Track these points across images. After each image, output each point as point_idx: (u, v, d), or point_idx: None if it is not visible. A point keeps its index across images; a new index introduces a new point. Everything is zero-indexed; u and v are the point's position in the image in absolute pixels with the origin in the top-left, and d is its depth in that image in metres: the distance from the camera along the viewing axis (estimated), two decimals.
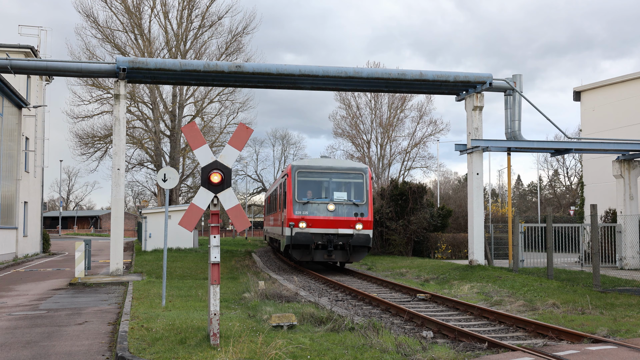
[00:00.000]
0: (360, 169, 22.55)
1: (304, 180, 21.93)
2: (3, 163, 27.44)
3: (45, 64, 21.68)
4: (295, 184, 21.63)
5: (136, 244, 40.74)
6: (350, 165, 23.28)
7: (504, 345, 9.11)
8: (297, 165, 22.36)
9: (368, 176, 22.35)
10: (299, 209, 21.24)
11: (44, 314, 12.75)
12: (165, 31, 46.93)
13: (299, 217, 21.18)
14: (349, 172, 22.36)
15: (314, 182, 22.19)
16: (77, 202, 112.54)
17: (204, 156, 9.18)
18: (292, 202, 21.35)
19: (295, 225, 21.05)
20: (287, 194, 21.73)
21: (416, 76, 22.68)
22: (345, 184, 22.25)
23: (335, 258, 21.53)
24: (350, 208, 21.50)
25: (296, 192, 21.55)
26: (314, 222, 21.19)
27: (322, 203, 21.49)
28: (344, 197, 21.77)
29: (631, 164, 24.80)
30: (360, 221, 21.35)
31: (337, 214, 21.34)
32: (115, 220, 21.27)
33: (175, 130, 47.65)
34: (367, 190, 22.08)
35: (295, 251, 21.61)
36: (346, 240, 21.27)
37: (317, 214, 21.27)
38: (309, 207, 21.34)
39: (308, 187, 21.94)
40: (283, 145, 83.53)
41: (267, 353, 7.88)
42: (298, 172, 21.97)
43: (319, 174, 22.25)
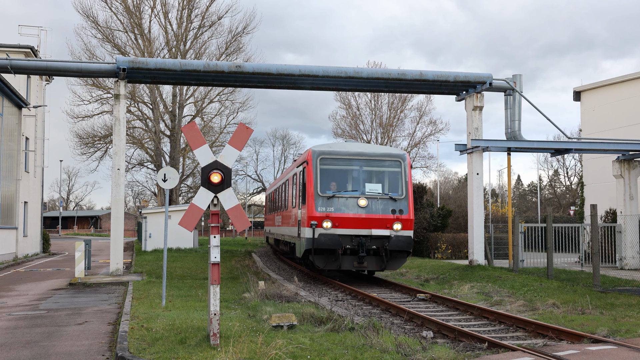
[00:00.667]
0: (398, 155, 18.74)
1: (328, 169, 18.09)
2: (3, 163, 27.43)
3: (45, 64, 21.68)
4: (317, 173, 17.77)
5: (136, 244, 40.74)
6: (385, 150, 19.46)
7: (504, 345, 9.11)
8: (320, 150, 18.32)
9: (407, 164, 18.52)
10: (322, 205, 17.40)
11: (44, 314, 12.75)
12: (165, 31, 46.96)
13: (323, 215, 17.30)
14: (383, 159, 18.54)
15: (340, 171, 18.39)
16: (77, 202, 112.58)
17: (204, 156, 9.18)
18: (314, 196, 17.46)
19: (319, 224, 17.21)
20: (307, 186, 17.78)
21: (416, 76, 22.68)
22: (379, 174, 18.57)
23: (367, 266, 17.67)
24: (386, 203, 17.72)
25: (319, 183, 17.64)
26: (342, 221, 17.38)
27: (352, 197, 17.63)
28: (378, 190, 18.05)
29: (631, 164, 24.80)
30: (399, 220, 17.61)
31: (369, 211, 17.57)
32: (115, 220, 21.27)
33: (175, 130, 47.66)
34: (405, 181, 18.24)
35: (318, 257, 17.62)
36: (381, 243, 17.46)
37: (345, 211, 17.47)
38: (335, 202, 17.50)
39: (333, 177, 18.18)
40: (283, 145, 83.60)
41: (267, 353, 7.88)
42: (321, 158, 18.01)
43: (347, 161, 18.34)
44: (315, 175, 17.77)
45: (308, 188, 17.80)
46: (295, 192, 20.34)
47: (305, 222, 17.80)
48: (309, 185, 17.78)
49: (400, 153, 18.93)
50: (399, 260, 18.15)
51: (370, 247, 17.45)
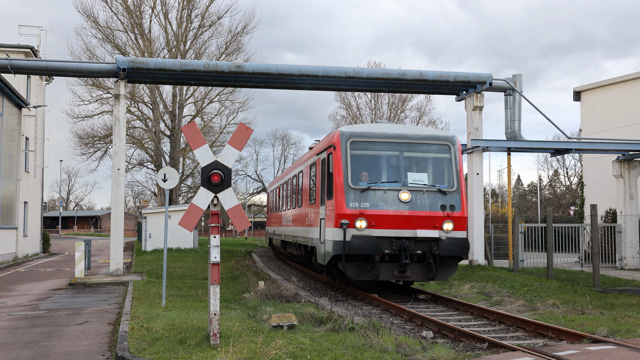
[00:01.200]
0: (446, 138, 15.45)
1: (361, 154, 14.85)
2: (3, 163, 27.44)
3: (45, 64, 21.69)
4: (347, 160, 14.51)
5: (136, 244, 40.74)
6: (430, 132, 16.07)
7: (504, 345, 9.11)
8: (350, 131, 14.98)
9: (457, 149, 15.32)
10: (355, 200, 14.18)
11: (44, 314, 12.75)
12: (165, 31, 46.98)
13: (356, 213, 14.04)
14: (429, 143, 15.28)
15: (375, 157, 15.09)
16: (77, 202, 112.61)
17: (204, 156, 9.18)
18: (344, 189, 14.23)
19: (351, 224, 13.94)
20: (335, 176, 14.58)
21: (416, 76, 22.68)
22: (423, 161, 15.39)
23: (411, 276, 14.41)
24: (433, 197, 14.56)
25: (350, 172, 14.37)
26: (379, 220, 14.12)
27: (391, 190, 14.37)
28: (423, 181, 14.82)
29: (631, 164, 24.80)
30: (451, 218, 14.40)
31: (414, 207, 14.35)
32: (115, 220, 21.27)
33: (175, 130, 47.67)
34: (456, 169, 15.04)
35: (350, 265, 14.14)
36: (428, 247, 14.29)
37: (383, 207, 14.21)
38: (371, 196, 14.26)
39: (366, 165, 14.97)
40: (283, 145, 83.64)
41: (267, 353, 7.88)
42: (352, 142, 14.68)
43: (384, 145, 15.02)
44: (345, 163, 14.46)
45: (336, 179, 14.46)
46: (315, 185, 17.10)
47: (331, 222, 14.52)
48: (337, 175, 14.48)
49: (449, 135, 15.61)
50: (450, 268, 14.65)
51: (414, 252, 14.18)
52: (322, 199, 15.81)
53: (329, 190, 15.11)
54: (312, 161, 17.86)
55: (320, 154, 16.48)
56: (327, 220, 15.02)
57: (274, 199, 29.51)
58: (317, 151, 17.12)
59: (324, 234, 15.31)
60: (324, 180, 15.84)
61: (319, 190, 16.44)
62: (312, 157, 17.90)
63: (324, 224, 15.48)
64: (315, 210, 16.82)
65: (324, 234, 15.40)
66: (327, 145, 15.68)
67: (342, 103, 59.56)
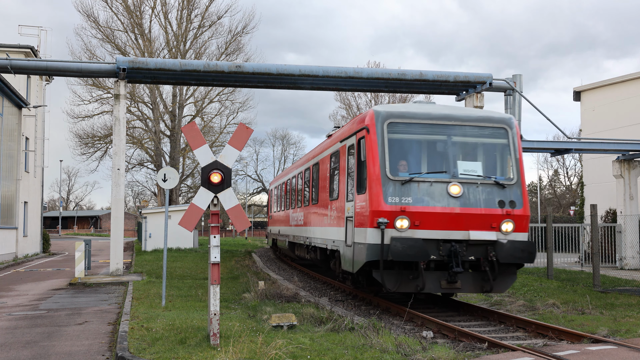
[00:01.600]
0: (502, 120, 12.90)
1: (401, 139, 12.43)
2: (3, 163, 27.44)
3: (45, 64, 21.68)
4: (385, 145, 12.11)
5: (136, 244, 40.76)
6: (483, 113, 13.32)
7: (504, 345, 9.12)
8: (388, 111, 12.55)
9: (516, 133, 12.86)
10: (394, 194, 11.77)
11: (44, 314, 12.75)
12: (165, 31, 47.01)
13: (396, 209, 11.68)
14: (482, 126, 12.75)
15: (419, 142, 12.64)
16: (77, 202, 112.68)
17: (204, 156, 9.18)
18: (381, 181, 11.82)
19: (390, 224, 11.61)
20: (369, 165, 12.07)
21: (416, 76, 22.68)
22: (476, 147, 12.89)
23: (462, 287, 12.01)
24: (490, 192, 12.14)
25: (388, 160, 11.97)
26: (425, 219, 11.75)
27: (438, 182, 11.97)
28: (476, 171, 12.38)
29: (631, 164, 24.80)
30: (511, 216, 12.05)
31: (466, 203, 11.92)
32: (115, 220, 21.26)
33: (175, 130, 47.68)
34: (516, 158, 12.62)
35: (389, 274, 11.83)
36: (484, 252, 11.88)
37: (429, 203, 11.83)
38: (414, 189, 11.87)
39: (407, 152, 12.59)
40: (283, 145, 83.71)
41: (267, 353, 7.88)
42: (390, 124, 12.28)
43: (429, 128, 12.57)
44: (381, 149, 12.07)
45: (370, 169, 12.01)
46: (338, 178, 14.66)
47: (364, 220, 12.11)
48: (371, 164, 12.04)
49: (505, 117, 13.09)
50: (509, 277, 12.28)
51: (466, 258, 11.83)
52: (348, 193, 13.52)
53: (359, 183, 12.68)
54: (333, 150, 15.32)
55: (346, 140, 13.88)
56: (358, 218, 12.55)
57: (279, 197, 27.00)
58: (341, 137, 14.46)
59: (353, 235, 12.80)
60: (350, 171, 13.49)
61: (343, 184, 14.02)
62: (333, 145, 15.35)
63: (351, 224, 13.02)
64: (338, 208, 14.43)
65: (352, 235, 12.86)
66: (356, 129, 13.05)
67: (342, 103, 59.62)
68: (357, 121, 13.45)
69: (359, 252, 12.32)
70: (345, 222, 13.56)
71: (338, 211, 14.46)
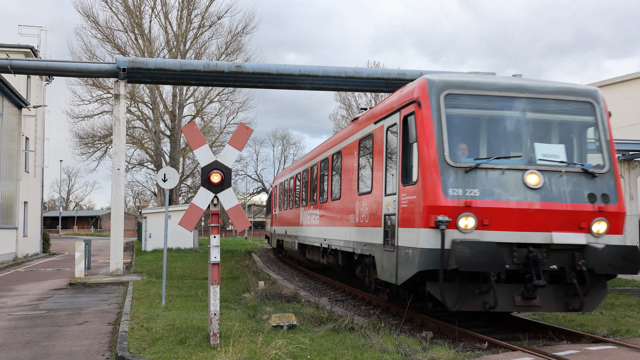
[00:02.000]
0: (587, 93, 10.45)
1: (462, 115, 10.05)
2: (3, 163, 27.44)
3: (45, 64, 21.69)
4: (442, 122, 9.70)
5: (136, 244, 40.76)
6: (562, 85, 10.59)
7: (503, 345, 9.11)
8: (445, 80, 10.06)
9: (604, 109, 10.41)
10: (456, 184, 9.42)
11: (44, 314, 12.75)
12: (165, 31, 47.04)
13: (459, 204, 9.32)
14: (563, 99, 10.29)
15: (485, 120, 10.26)
16: (77, 202, 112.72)
17: (204, 156, 9.18)
18: (439, 168, 9.45)
19: (452, 223, 9.25)
20: (421, 148, 9.65)
21: (416, 76, 22.66)
22: (556, 127, 10.48)
23: (542, 305, 9.59)
24: (577, 183, 9.78)
25: (447, 142, 9.58)
26: (497, 217, 9.38)
27: (512, 170, 9.63)
28: (559, 156, 9.95)
29: (631, 164, 24.80)
30: (604, 214, 9.83)
31: (548, 197, 9.57)
32: (115, 220, 21.26)
33: (175, 130, 47.69)
34: (606, 140, 10.21)
35: (449, 289, 9.44)
36: (569, 260, 9.55)
37: (501, 197, 9.45)
38: (481, 179, 9.50)
39: (470, 132, 10.20)
40: (283, 145, 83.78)
41: (267, 353, 7.88)
42: (448, 96, 9.87)
43: (498, 101, 10.11)
44: (438, 128, 9.60)
45: (423, 152, 9.56)
46: (372, 168, 12.08)
47: (415, 218, 9.60)
48: (424, 146, 9.58)
49: (590, 89, 10.59)
50: (599, 291, 9.81)
51: (547, 267, 9.42)
52: (386, 186, 11.19)
53: (405, 172, 10.30)
54: (364, 134, 12.90)
55: (384, 119, 11.51)
56: (404, 216, 10.09)
57: (286, 194, 24.56)
58: (376, 116, 12.07)
59: (396, 237, 10.39)
60: (390, 158, 11.07)
61: (379, 174, 11.58)
62: (364, 128, 12.95)
63: (392, 223, 10.62)
64: (371, 204, 12.00)
65: (394, 237, 10.47)
66: (400, 104, 10.63)
67: (342, 103, 59.62)
68: (403, 95, 10.74)
69: (407, 259, 9.85)
70: (383, 221, 11.18)
71: (371, 208, 12.02)
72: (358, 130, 13.65)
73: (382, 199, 11.41)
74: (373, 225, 11.88)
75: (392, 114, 11.07)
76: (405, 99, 10.51)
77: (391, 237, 10.74)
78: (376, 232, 11.63)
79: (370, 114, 12.98)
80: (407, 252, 9.91)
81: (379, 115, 11.94)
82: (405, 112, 10.41)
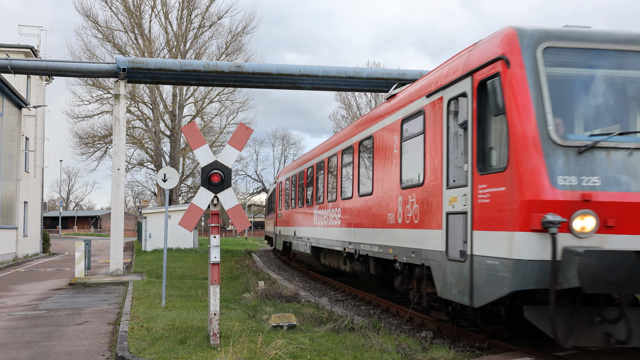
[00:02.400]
0: None
1: (569, 76, 7.62)
2: (3, 163, 27.44)
3: (45, 64, 21.70)
4: (542, 86, 7.29)
5: (136, 244, 40.77)
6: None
7: (503, 345, 9.11)
8: (540, 30, 7.59)
9: None
10: (567, 170, 6.99)
11: (44, 314, 12.75)
12: (165, 31, 47.05)
13: (574, 198, 6.92)
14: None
15: (599, 82, 7.57)
16: (77, 202, 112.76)
17: (204, 156, 9.18)
18: (541, 147, 7.05)
19: (564, 225, 6.84)
20: (513, 120, 7.25)
21: (416, 76, 22.66)
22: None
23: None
24: None
25: (549, 111, 7.18)
26: (627, 214, 6.96)
27: (636, 148, 7.17)
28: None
29: None
30: None
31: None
32: (115, 220, 21.26)
33: (175, 130, 47.71)
34: None
35: (560, 314, 7.03)
36: None
37: (631, 187, 7.03)
38: (600, 162, 7.07)
39: (580, 98, 7.62)
40: (283, 145, 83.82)
41: (267, 353, 7.88)
42: (547, 50, 7.46)
43: (615, 57, 7.60)
44: (536, 93, 7.29)
45: (515, 126, 7.26)
46: (428, 151, 9.58)
47: (509, 218, 7.23)
48: (518, 117, 7.27)
49: None
50: None
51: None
52: (449, 175, 8.84)
53: (482, 156, 7.97)
54: (411, 111, 10.45)
55: (442, 90, 9.18)
56: (484, 215, 7.76)
57: (295, 190, 22.14)
58: (429, 88, 9.74)
59: (471, 243, 8.03)
60: (455, 138, 8.78)
61: (438, 160, 9.16)
62: (410, 104, 10.54)
63: (466, 224, 8.20)
64: (424, 199, 9.64)
65: (469, 243, 8.07)
66: (474, 66, 8.24)
67: (342, 103, 59.63)
68: (476, 54, 8.39)
69: (491, 273, 7.47)
70: (445, 222, 8.85)
71: (423, 204, 9.67)
72: (399, 108, 11.14)
73: (442, 192, 8.96)
74: (427, 227, 9.49)
75: (457, 81, 8.64)
76: (482, 58, 8.06)
77: (460, 243, 8.39)
78: (432, 235, 9.28)
79: (418, 87, 10.51)
80: (491, 264, 7.46)
81: (434, 86, 9.54)
82: (481, 75, 8.02)
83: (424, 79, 10.46)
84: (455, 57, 9.41)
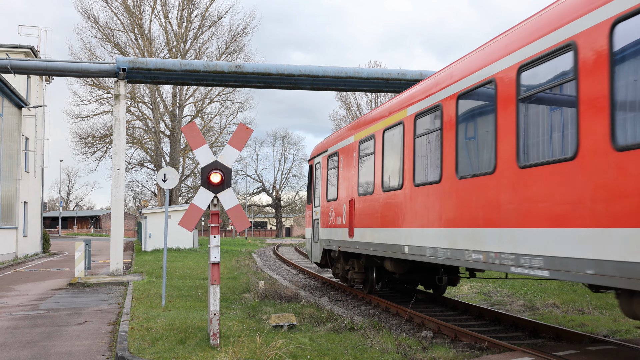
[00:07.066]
0: None
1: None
2: (3, 163, 27.45)
3: (45, 64, 21.71)
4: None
5: (136, 244, 40.77)
6: None
7: (503, 345, 9.12)
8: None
9: None
10: None
11: (44, 314, 12.76)
12: (165, 31, 47.05)
13: None
14: None
15: None
16: (77, 202, 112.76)
17: (204, 156, 9.19)
18: None
19: None
20: None
21: (416, 76, 22.68)
22: None
23: None
24: None
25: None
26: None
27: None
28: None
29: None
30: None
31: None
32: (115, 220, 21.27)
33: (175, 130, 47.71)
34: None
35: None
36: None
37: None
38: None
39: None
40: (283, 145, 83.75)
41: (267, 353, 7.88)
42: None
43: None
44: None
45: None
46: None
47: None
48: None
49: None
50: None
51: None
52: None
53: None
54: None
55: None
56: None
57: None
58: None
59: None
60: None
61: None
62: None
63: None
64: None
65: None
66: None
67: (343, 103, 59.64)
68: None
69: None
70: None
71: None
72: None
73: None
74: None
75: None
76: None
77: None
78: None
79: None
80: None
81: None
82: None
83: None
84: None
